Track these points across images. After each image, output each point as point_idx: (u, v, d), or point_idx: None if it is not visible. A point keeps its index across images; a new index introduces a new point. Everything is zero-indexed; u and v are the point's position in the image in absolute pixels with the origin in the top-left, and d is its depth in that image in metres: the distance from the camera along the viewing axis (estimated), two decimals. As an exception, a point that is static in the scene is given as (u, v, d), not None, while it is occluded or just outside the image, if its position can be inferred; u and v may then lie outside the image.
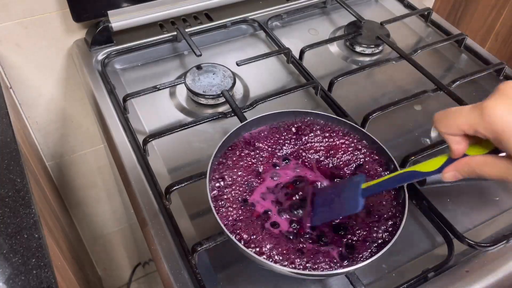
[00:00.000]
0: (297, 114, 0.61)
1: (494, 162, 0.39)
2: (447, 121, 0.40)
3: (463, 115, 0.39)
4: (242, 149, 0.59)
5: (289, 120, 0.61)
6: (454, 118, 0.40)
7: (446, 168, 0.43)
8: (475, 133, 0.39)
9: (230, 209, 0.53)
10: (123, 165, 0.65)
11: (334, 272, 0.48)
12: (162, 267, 0.55)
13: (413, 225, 0.61)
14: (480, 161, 0.40)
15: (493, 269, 0.56)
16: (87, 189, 1.15)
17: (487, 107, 0.37)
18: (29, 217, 0.51)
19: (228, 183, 0.56)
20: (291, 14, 0.94)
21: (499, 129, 0.36)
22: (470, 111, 0.39)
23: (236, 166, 0.57)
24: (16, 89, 0.88)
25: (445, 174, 0.43)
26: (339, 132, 0.60)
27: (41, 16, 0.81)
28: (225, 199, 0.54)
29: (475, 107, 0.38)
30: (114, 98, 0.75)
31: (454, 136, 0.41)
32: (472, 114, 0.38)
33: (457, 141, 0.41)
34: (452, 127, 0.40)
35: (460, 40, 0.88)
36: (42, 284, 0.46)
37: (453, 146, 0.41)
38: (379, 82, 0.82)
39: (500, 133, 0.37)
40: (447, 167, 0.42)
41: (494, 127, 0.37)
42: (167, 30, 0.88)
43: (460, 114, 0.39)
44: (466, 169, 0.41)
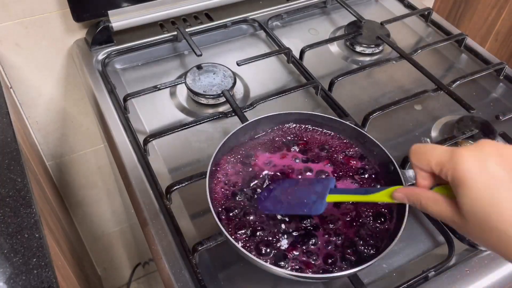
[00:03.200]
0: (297, 115, 0.61)
1: (442, 202, 0.40)
2: (420, 155, 0.42)
3: (436, 153, 0.40)
4: (242, 150, 0.59)
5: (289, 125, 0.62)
6: (427, 153, 0.41)
7: (398, 189, 0.45)
8: (439, 173, 0.40)
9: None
10: (124, 165, 0.65)
11: (335, 275, 0.48)
12: (163, 267, 0.55)
13: (413, 225, 0.61)
14: (430, 196, 0.42)
15: (493, 269, 0.56)
16: (87, 189, 1.15)
17: (459, 154, 0.38)
18: (30, 217, 0.51)
19: (228, 183, 0.56)
20: (291, 14, 0.94)
21: (460, 177, 0.37)
22: (443, 151, 0.40)
23: (236, 166, 0.57)
24: (16, 89, 0.88)
25: (395, 193, 0.45)
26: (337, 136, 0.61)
27: (41, 16, 0.81)
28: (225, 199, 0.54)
29: (449, 150, 0.39)
30: (114, 98, 0.75)
31: (422, 171, 0.42)
32: (444, 154, 0.39)
33: (423, 176, 0.42)
34: (423, 162, 0.41)
35: (460, 40, 0.88)
36: (43, 283, 0.46)
37: (419, 180, 0.43)
38: (379, 82, 0.82)
39: (459, 181, 0.37)
40: (400, 188, 0.45)
41: (456, 174, 0.38)
42: (168, 30, 0.88)
43: (433, 151, 0.41)
44: (413, 198, 0.43)
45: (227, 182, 0.56)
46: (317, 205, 0.49)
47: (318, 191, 0.50)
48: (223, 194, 0.55)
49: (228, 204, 0.54)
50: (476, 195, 0.36)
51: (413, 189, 0.43)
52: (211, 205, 0.50)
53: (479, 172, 0.36)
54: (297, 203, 0.51)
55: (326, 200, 0.49)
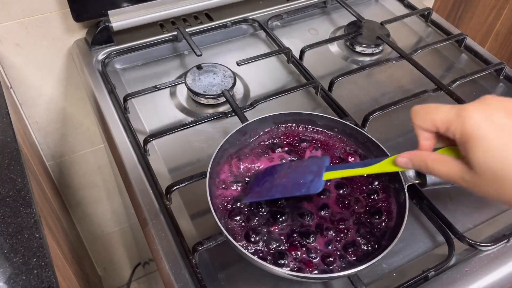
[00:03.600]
0: (297, 115, 0.61)
1: (450, 162, 0.40)
2: (424, 115, 0.41)
3: (441, 111, 0.40)
4: (242, 151, 0.59)
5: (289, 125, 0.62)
6: (430, 113, 0.40)
7: (402, 154, 0.43)
8: (446, 132, 0.39)
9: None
10: (124, 165, 0.65)
11: (335, 275, 0.48)
12: (163, 267, 0.55)
13: (413, 225, 0.61)
14: (436, 158, 0.41)
15: (493, 268, 0.56)
16: (87, 189, 1.15)
17: (465, 109, 0.38)
18: (30, 217, 0.51)
19: (228, 183, 0.56)
20: (291, 14, 0.94)
21: (469, 132, 0.37)
22: (448, 109, 0.39)
23: (236, 166, 0.57)
24: (16, 89, 0.88)
25: (398, 159, 0.43)
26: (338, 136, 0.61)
27: (41, 16, 0.81)
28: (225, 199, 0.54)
29: (454, 107, 0.39)
30: (114, 98, 0.75)
31: (425, 132, 0.41)
32: (449, 112, 0.39)
33: (426, 137, 0.41)
34: (427, 122, 0.40)
35: (460, 40, 0.88)
36: (43, 283, 0.46)
37: (422, 141, 0.42)
38: (379, 82, 0.82)
39: (468, 136, 0.37)
40: (403, 153, 0.43)
41: (465, 130, 0.37)
42: (168, 30, 0.88)
43: (438, 110, 0.40)
44: (419, 161, 0.42)
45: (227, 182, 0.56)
46: (314, 183, 0.48)
47: (314, 170, 0.49)
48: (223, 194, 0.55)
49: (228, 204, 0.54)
50: (488, 147, 0.36)
51: (418, 152, 0.42)
52: (211, 205, 0.50)
53: (488, 125, 0.36)
54: (293, 185, 0.49)
55: (324, 178, 0.48)
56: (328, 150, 0.60)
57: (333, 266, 0.49)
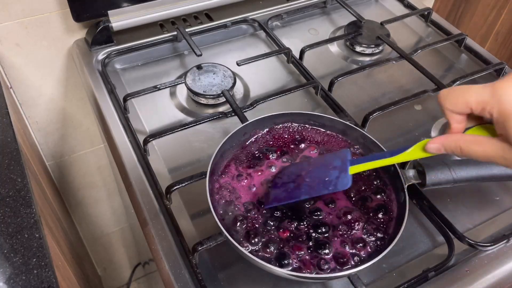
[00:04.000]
0: (297, 115, 0.61)
1: (486, 141, 0.39)
2: (456, 98, 0.39)
3: (473, 92, 0.38)
4: (242, 151, 0.59)
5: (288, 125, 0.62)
6: (463, 95, 0.39)
7: (432, 140, 0.42)
8: (481, 112, 0.38)
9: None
10: (124, 165, 0.65)
11: (335, 275, 0.48)
12: (163, 267, 0.55)
13: (413, 225, 0.61)
14: (470, 139, 0.39)
15: (493, 269, 0.56)
16: (87, 189, 1.15)
17: (500, 87, 0.37)
18: (30, 217, 0.51)
19: (229, 183, 0.56)
20: (291, 14, 0.94)
21: (507, 110, 0.36)
22: (481, 89, 0.38)
23: (236, 166, 0.57)
24: (16, 89, 0.88)
25: (429, 145, 0.42)
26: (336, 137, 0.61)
27: (41, 16, 0.81)
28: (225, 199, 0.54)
29: (487, 86, 0.38)
30: (114, 98, 0.75)
31: (457, 115, 0.40)
32: (482, 92, 0.38)
33: (458, 120, 0.40)
34: (459, 104, 0.39)
35: (460, 40, 0.88)
36: (43, 283, 0.46)
37: (454, 124, 0.40)
38: (379, 82, 0.82)
39: (507, 114, 0.36)
40: (434, 138, 0.42)
41: (503, 107, 0.36)
42: (167, 30, 0.88)
43: (470, 91, 0.39)
44: (452, 145, 0.40)
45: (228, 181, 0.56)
46: (341, 179, 0.46)
47: (338, 165, 0.47)
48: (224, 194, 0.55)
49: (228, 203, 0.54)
50: None
51: (450, 136, 0.41)
52: (211, 205, 0.50)
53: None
54: (318, 183, 0.47)
55: (350, 172, 0.46)
56: (329, 150, 0.60)
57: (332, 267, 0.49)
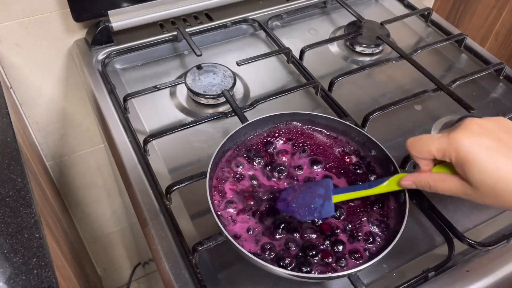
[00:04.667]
0: (297, 115, 0.61)
1: (449, 179, 0.46)
2: (420, 147, 0.47)
3: (434, 142, 0.45)
4: (242, 150, 0.59)
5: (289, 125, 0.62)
6: (426, 145, 0.46)
7: (405, 177, 0.49)
8: (442, 157, 0.45)
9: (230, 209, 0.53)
10: (124, 165, 0.65)
11: (334, 275, 0.48)
12: (163, 267, 0.55)
13: (413, 225, 0.61)
14: (437, 178, 0.47)
15: (493, 269, 0.56)
16: (87, 189, 1.15)
17: (455, 137, 0.44)
18: (30, 217, 0.51)
19: (228, 183, 0.56)
20: (291, 14, 0.94)
21: (464, 157, 0.43)
22: (439, 139, 0.45)
23: (237, 166, 0.57)
24: (16, 89, 0.88)
25: (402, 182, 0.49)
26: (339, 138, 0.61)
27: (41, 16, 0.81)
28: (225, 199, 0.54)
29: (444, 136, 0.45)
30: (114, 98, 0.75)
31: (423, 160, 0.47)
32: (441, 141, 0.45)
33: (425, 163, 0.48)
34: (424, 152, 0.46)
35: (460, 40, 0.88)
36: (43, 283, 0.46)
37: (423, 167, 0.48)
38: (379, 82, 0.82)
39: (463, 160, 0.43)
40: (406, 176, 0.49)
41: (459, 155, 0.43)
42: (167, 30, 0.88)
43: (431, 141, 0.46)
44: (422, 182, 0.48)
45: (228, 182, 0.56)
46: (326, 207, 0.50)
47: (322, 193, 0.51)
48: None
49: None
50: (481, 167, 0.42)
51: (420, 175, 0.48)
52: (211, 205, 0.50)
53: (477, 148, 0.42)
54: (304, 209, 0.51)
55: (333, 200, 0.51)
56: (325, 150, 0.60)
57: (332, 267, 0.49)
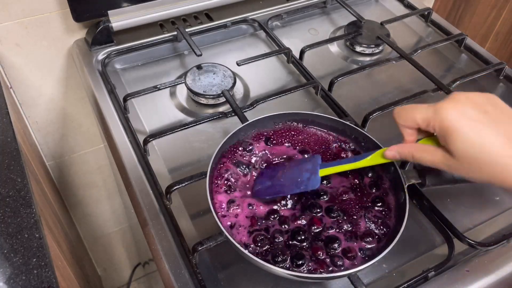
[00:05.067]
0: (297, 115, 0.61)
1: (432, 150, 0.46)
2: (406, 115, 0.47)
3: (420, 111, 0.45)
4: (242, 151, 0.59)
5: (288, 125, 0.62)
6: (412, 113, 0.46)
7: (389, 148, 0.49)
8: (426, 127, 0.45)
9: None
10: (124, 165, 0.65)
11: (334, 275, 0.48)
12: (163, 267, 0.55)
13: (413, 225, 0.61)
14: (420, 148, 0.47)
15: (493, 269, 0.56)
16: (87, 189, 1.15)
17: (441, 107, 0.43)
18: (30, 217, 0.51)
19: (229, 183, 0.56)
20: (291, 14, 0.94)
21: (448, 126, 0.43)
22: (426, 108, 0.45)
23: (237, 166, 0.57)
24: (16, 89, 0.88)
25: (387, 152, 0.49)
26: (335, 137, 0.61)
27: (41, 16, 0.81)
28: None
29: (431, 106, 0.45)
30: (114, 98, 0.75)
31: (408, 129, 0.47)
32: (427, 111, 0.44)
33: (410, 133, 0.48)
34: (409, 120, 0.46)
35: (460, 40, 0.88)
36: (43, 283, 0.46)
37: (406, 137, 0.48)
38: (379, 82, 0.82)
39: (446, 130, 0.43)
40: (390, 147, 0.49)
41: (443, 124, 0.43)
42: (167, 30, 0.88)
43: (417, 110, 0.45)
44: (406, 152, 0.48)
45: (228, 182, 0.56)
46: (311, 180, 0.51)
47: (309, 168, 0.53)
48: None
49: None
50: (464, 137, 0.42)
51: (404, 145, 0.48)
52: (211, 204, 0.50)
53: (462, 118, 0.42)
54: (292, 183, 0.52)
55: (319, 174, 0.52)
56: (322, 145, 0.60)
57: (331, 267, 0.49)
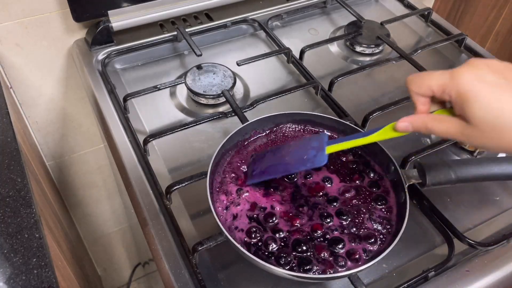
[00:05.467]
0: (297, 115, 0.61)
1: (447, 119, 0.43)
2: (420, 82, 0.44)
3: (435, 77, 0.43)
4: (243, 151, 0.59)
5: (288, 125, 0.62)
6: (426, 79, 0.44)
7: (401, 119, 0.46)
8: (442, 94, 0.43)
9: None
10: (124, 165, 0.65)
11: (334, 276, 0.48)
12: (163, 267, 0.55)
13: (413, 225, 0.61)
14: (434, 117, 0.44)
15: (493, 269, 0.56)
16: (87, 189, 1.15)
17: (457, 72, 0.41)
18: (30, 217, 0.51)
19: (229, 183, 0.56)
20: (291, 14, 0.94)
21: (465, 92, 0.40)
22: (441, 74, 0.43)
23: (237, 166, 0.57)
24: (16, 89, 0.88)
25: (399, 124, 0.46)
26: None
27: (41, 16, 0.81)
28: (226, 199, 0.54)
29: (446, 72, 0.42)
30: (114, 98, 0.75)
31: (422, 97, 0.45)
32: (443, 77, 0.42)
33: (423, 102, 0.45)
34: (423, 87, 0.44)
35: (460, 40, 0.88)
36: (43, 283, 0.46)
37: (419, 106, 0.45)
38: (379, 82, 0.82)
39: (464, 95, 0.41)
40: (402, 118, 0.46)
41: (460, 89, 0.41)
42: (167, 30, 0.88)
43: (432, 76, 0.43)
44: (419, 122, 0.45)
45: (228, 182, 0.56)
46: (318, 157, 0.49)
47: (316, 145, 0.50)
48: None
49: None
50: (483, 102, 0.40)
51: (417, 115, 0.45)
52: (212, 205, 0.50)
53: (480, 83, 0.40)
54: (297, 161, 0.50)
55: (326, 151, 0.49)
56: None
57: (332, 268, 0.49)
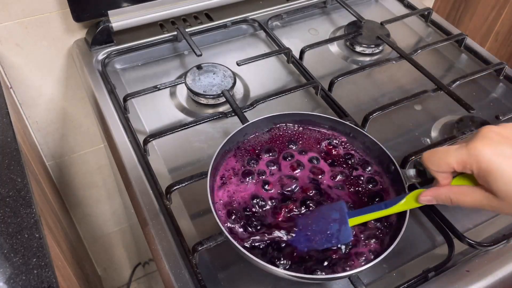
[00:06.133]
0: (297, 115, 0.61)
1: (471, 192, 0.44)
2: (438, 161, 0.45)
3: (452, 154, 0.43)
4: (243, 151, 0.59)
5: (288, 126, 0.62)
6: (443, 157, 0.44)
7: (424, 192, 0.47)
8: (463, 170, 0.43)
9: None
10: (124, 165, 0.65)
11: (335, 276, 0.48)
12: (163, 267, 0.55)
13: (413, 225, 0.61)
14: (458, 191, 0.45)
15: (493, 269, 0.56)
16: (87, 189, 1.15)
17: (474, 148, 0.42)
18: (30, 217, 0.51)
19: (229, 183, 0.56)
20: (291, 14, 0.94)
21: (486, 168, 0.41)
22: (458, 150, 0.43)
23: (237, 166, 0.57)
24: (16, 89, 0.88)
25: (422, 198, 0.47)
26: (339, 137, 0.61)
27: (41, 16, 0.81)
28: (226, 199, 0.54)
29: (462, 147, 0.43)
30: (114, 98, 0.75)
31: (442, 173, 0.45)
32: (461, 153, 0.43)
33: (444, 177, 0.46)
34: (442, 166, 0.44)
35: (460, 40, 0.88)
36: (43, 283, 0.46)
37: (441, 181, 0.46)
38: (379, 82, 0.82)
39: (486, 171, 0.41)
40: (425, 191, 0.47)
41: (481, 166, 0.41)
42: (167, 30, 0.88)
43: (449, 153, 0.44)
44: (443, 196, 0.46)
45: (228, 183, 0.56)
46: (343, 232, 0.49)
47: (336, 217, 0.50)
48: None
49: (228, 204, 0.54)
50: (507, 177, 0.40)
51: (439, 189, 0.46)
52: (212, 204, 0.50)
53: (499, 158, 0.41)
54: (322, 237, 0.50)
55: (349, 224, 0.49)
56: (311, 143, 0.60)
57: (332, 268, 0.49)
